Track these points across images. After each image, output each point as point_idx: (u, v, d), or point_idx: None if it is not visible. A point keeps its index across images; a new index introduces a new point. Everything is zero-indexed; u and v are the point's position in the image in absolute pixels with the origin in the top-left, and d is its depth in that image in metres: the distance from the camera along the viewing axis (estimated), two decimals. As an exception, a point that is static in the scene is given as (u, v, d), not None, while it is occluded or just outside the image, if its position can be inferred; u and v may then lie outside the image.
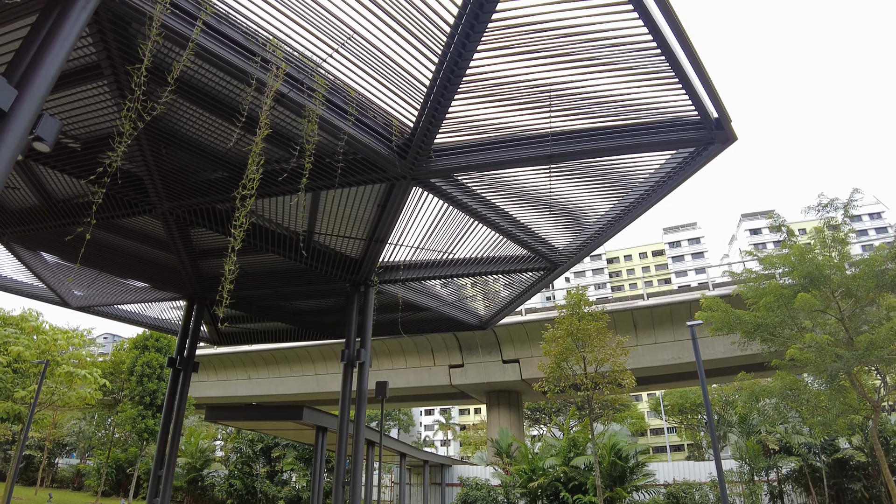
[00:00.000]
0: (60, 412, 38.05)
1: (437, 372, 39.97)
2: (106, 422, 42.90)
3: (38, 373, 28.32)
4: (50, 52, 5.26)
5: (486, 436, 53.66)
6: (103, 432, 43.17)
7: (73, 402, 31.23)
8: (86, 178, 9.21)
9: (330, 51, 7.14)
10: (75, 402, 31.49)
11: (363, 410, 12.70)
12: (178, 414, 14.72)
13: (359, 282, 13.04)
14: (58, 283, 16.09)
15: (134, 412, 32.34)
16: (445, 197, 9.73)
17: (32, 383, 29.09)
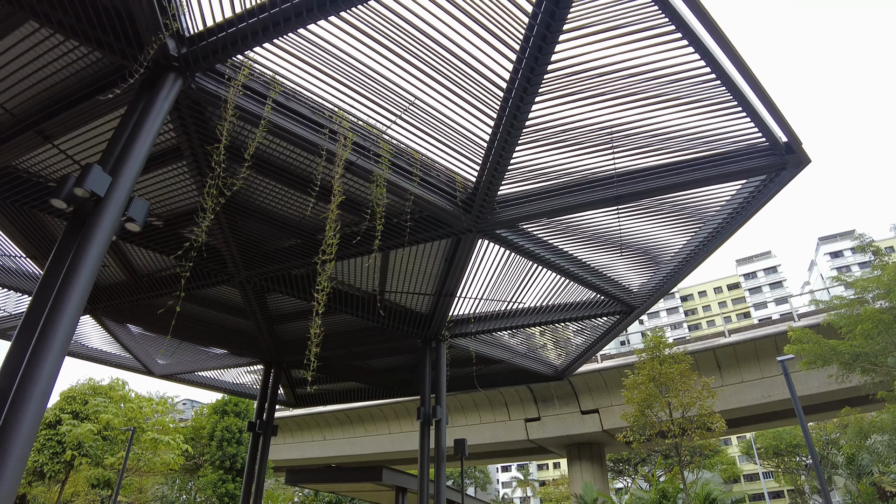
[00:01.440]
0: (146, 477, 39.31)
1: (512, 427, 38.85)
2: (188, 486, 43.92)
3: (125, 439, 29.58)
4: (138, 140, 5.71)
5: (567, 491, 51.30)
6: (185, 497, 44.16)
7: (157, 467, 32.30)
8: (171, 253, 9.77)
9: (392, 117, 7.40)
10: (160, 468, 32.56)
11: (443, 469, 12.45)
12: (259, 477, 14.89)
13: (430, 337, 13.04)
14: (143, 352, 16.95)
15: (215, 476, 33.04)
16: (512, 247, 9.71)
17: (120, 450, 30.34)
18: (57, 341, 4.61)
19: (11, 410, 4.34)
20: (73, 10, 6.19)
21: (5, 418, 4.30)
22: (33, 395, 4.42)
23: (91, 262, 4.89)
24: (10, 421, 4.29)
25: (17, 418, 4.33)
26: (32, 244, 11.03)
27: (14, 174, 9.24)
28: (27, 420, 4.34)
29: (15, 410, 4.34)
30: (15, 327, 15.14)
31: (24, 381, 4.42)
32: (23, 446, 4.30)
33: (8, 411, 4.34)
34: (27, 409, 4.36)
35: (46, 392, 4.57)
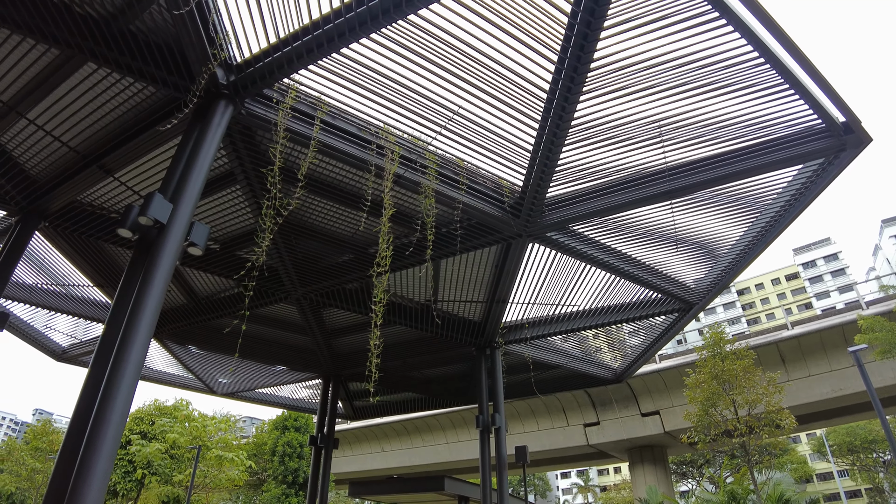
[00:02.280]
0: (212, 493, 40.45)
1: (571, 432, 38.22)
2: (252, 501, 44.89)
3: (191, 458, 30.56)
4: (195, 167, 5.90)
5: (630, 496, 50.03)
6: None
7: (223, 483, 33.19)
8: (229, 275, 10.05)
9: (437, 129, 7.43)
10: (225, 484, 33.44)
11: (505, 478, 12.34)
12: (322, 490, 15.08)
13: (484, 345, 12.98)
14: (204, 372, 17.49)
15: (278, 491, 33.68)
16: (564, 249, 9.58)
17: (187, 467, 31.35)
18: (130, 366, 4.79)
19: (93, 433, 4.52)
20: (127, 50, 6.48)
21: (88, 440, 4.49)
22: (112, 418, 4.59)
23: (158, 287, 5.07)
24: (93, 443, 4.47)
25: (98, 440, 4.50)
26: (98, 273, 11.55)
27: (79, 208, 9.71)
28: (108, 442, 4.51)
29: (96, 433, 4.52)
30: (85, 353, 15.89)
31: (102, 406, 4.61)
32: (105, 466, 4.47)
33: (90, 434, 4.53)
34: (107, 432, 4.54)
35: (124, 414, 4.75)
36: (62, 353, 16.47)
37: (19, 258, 9.38)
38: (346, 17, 5.94)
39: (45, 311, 14.30)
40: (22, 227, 9.37)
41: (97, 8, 6.35)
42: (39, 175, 9.11)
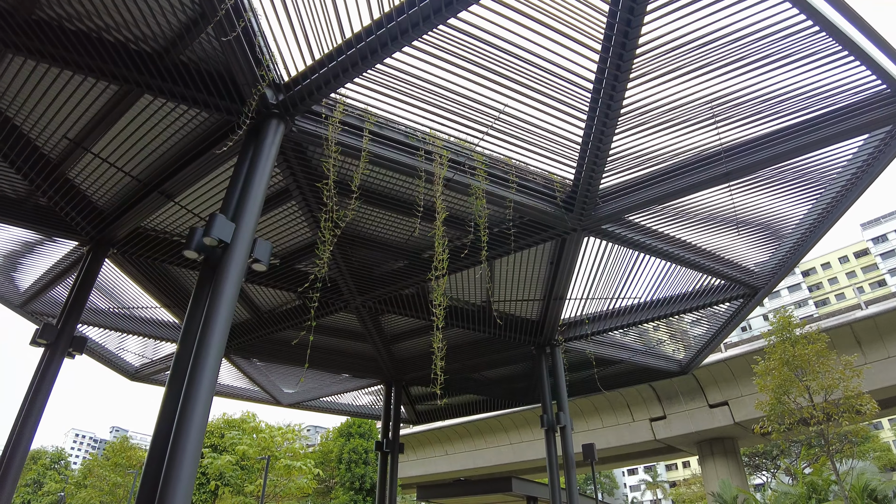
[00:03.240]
0: (283, 502, 41.53)
1: (637, 427, 37.35)
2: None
3: (261, 468, 31.45)
4: (253, 185, 6.07)
5: (701, 491, 48.44)
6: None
7: (293, 492, 34.04)
8: (289, 288, 10.30)
9: (483, 129, 7.41)
10: (295, 493, 34.28)
11: (573, 477, 12.15)
12: (390, 495, 15.23)
13: (543, 343, 12.84)
14: (269, 384, 17.98)
15: (346, 498, 34.31)
16: (620, 240, 9.39)
17: (257, 478, 32.29)
18: (205, 382, 4.95)
19: (174, 448, 4.68)
20: (180, 80, 6.75)
21: (170, 456, 4.66)
22: (191, 434, 4.76)
23: (227, 305, 5.23)
24: (175, 457, 4.64)
25: (180, 455, 4.66)
26: (165, 295, 12.04)
27: (144, 234, 10.16)
28: (189, 456, 4.67)
29: (178, 448, 4.68)
30: (156, 372, 16.59)
31: (181, 422, 4.78)
32: (188, 479, 4.63)
33: (171, 450, 4.69)
34: (188, 447, 4.70)
35: (202, 430, 4.91)
36: (135, 373, 17.26)
37: (92, 285, 9.89)
38: (387, 27, 6.01)
39: (116, 334, 15.05)
40: (93, 256, 9.87)
41: (150, 44, 6.64)
42: (106, 205, 9.58)
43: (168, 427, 4.96)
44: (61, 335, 9.19)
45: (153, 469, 4.83)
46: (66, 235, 10.28)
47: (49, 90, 7.52)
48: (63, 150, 8.59)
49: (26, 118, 8.07)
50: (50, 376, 8.98)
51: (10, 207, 9.92)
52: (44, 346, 9.20)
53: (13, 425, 8.54)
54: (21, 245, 11.65)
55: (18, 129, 8.26)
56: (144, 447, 49.24)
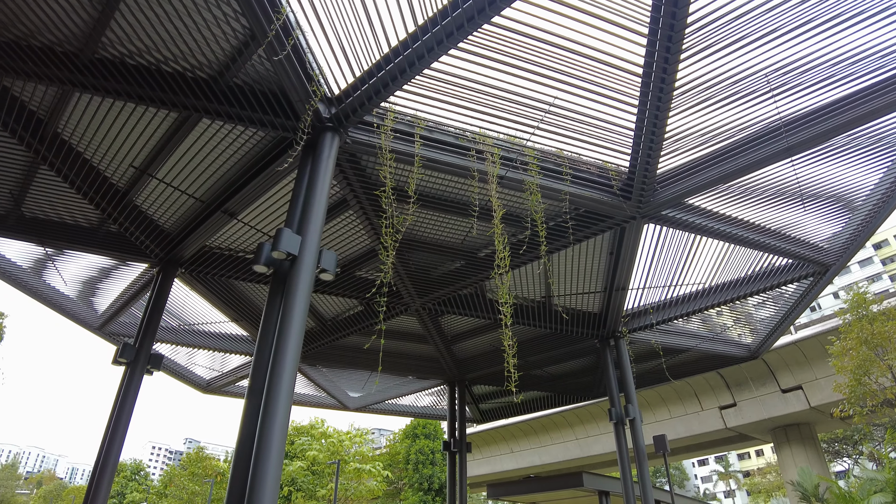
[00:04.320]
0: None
1: (706, 417, 36.20)
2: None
3: (331, 472, 32.16)
4: (314, 198, 6.22)
5: (778, 480, 46.51)
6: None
7: (364, 494, 34.65)
8: (351, 295, 10.52)
9: (533, 124, 7.36)
10: (366, 495, 34.88)
11: (646, 469, 11.90)
12: (461, 495, 15.28)
13: (607, 336, 12.64)
14: (335, 389, 18.38)
15: (415, 499, 34.65)
16: (681, 225, 9.14)
17: (328, 482, 33.01)
18: (284, 389, 5.11)
19: (259, 456, 4.85)
20: (235, 102, 6.99)
21: (255, 464, 4.82)
22: (274, 442, 4.91)
23: (299, 314, 5.39)
24: (260, 465, 4.80)
25: (264, 463, 4.82)
26: (232, 308, 12.47)
27: (208, 252, 10.56)
28: (273, 463, 4.83)
29: (262, 456, 4.84)
30: (227, 384, 17.19)
31: (264, 431, 4.94)
32: (274, 485, 4.79)
33: (256, 458, 4.86)
34: (271, 455, 4.86)
35: (283, 437, 5.06)
36: (207, 386, 17.96)
37: (164, 305, 10.35)
38: (432, 31, 6.04)
39: (185, 349, 15.71)
40: (163, 277, 10.33)
41: (205, 70, 6.90)
42: (172, 227, 10.01)
43: (250, 436, 5.14)
44: (139, 354, 9.64)
45: (239, 477, 5.01)
46: (137, 259, 10.82)
47: (114, 123, 7.92)
48: (130, 178, 9.03)
49: (95, 151, 8.52)
50: (132, 393, 9.42)
51: (84, 236, 10.50)
52: (124, 365, 9.65)
53: (102, 441, 9.01)
54: (96, 271, 12.31)
55: (88, 161, 8.73)
56: (218, 457, 51.15)
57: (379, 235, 8.93)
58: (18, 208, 9.96)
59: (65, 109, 7.71)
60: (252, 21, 5.91)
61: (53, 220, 10.30)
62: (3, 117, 7.64)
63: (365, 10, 6.17)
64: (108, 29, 6.45)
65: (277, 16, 5.94)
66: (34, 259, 12.04)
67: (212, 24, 6.32)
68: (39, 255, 11.84)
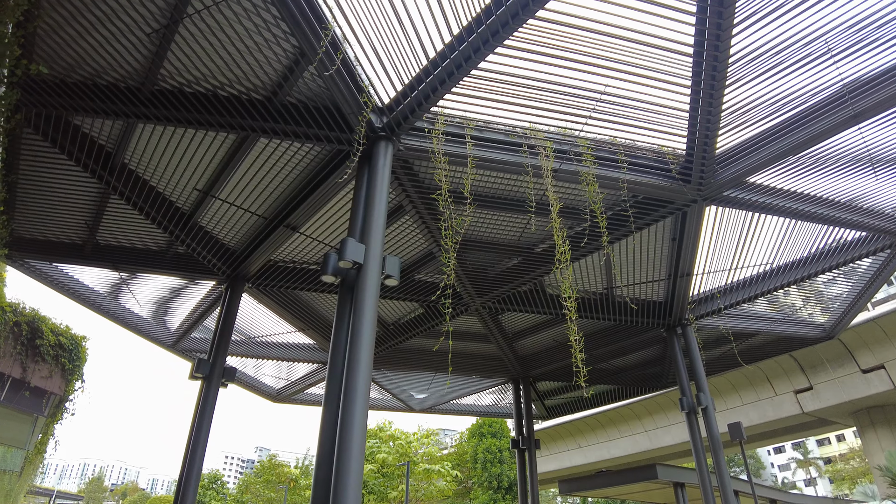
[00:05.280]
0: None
1: (780, 402, 34.75)
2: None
3: (401, 474, 32.59)
4: (374, 206, 6.35)
5: (863, 466, 44.16)
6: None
7: (434, 495, 34.94)
8: (411, 299, 10.66)
9: (585, 114, 7.28)
10: (436, 496, 35.15)
11: (722, 458, 11.56)
12: (532, 492, 15.21)
13: (673, 324, 12.34)
14: (401, 392, 18.63)
15: (485, 497, 34.67)
16: (743, 205, 8.83)
17: (398, 484, 33.45)
18: (360, 393, 5.23)
19: (341, 461, 4.97)
20: (291, 120, 7.20)
21: (338, 468, 4.94)
22: (354, 444, 5.03)
23: (369, 320, 5.51)
24: (343, 469, 4.92)
25: (347, 467, 4.94)
26: (298, 319, 12.82)
27: (273, 266, 10.91)
28: (355, 466, 4.94)
29: (343, 460, 4.97)
30: (295, 392, 17.66)
31: (344, 434, 5.07)
32: (356, 487, 4.90)
33: (338, 463, 4.99)
34: (352, 459, 4.97)
35: (362, 439, 5.17)
36: (277, 395, 18.50)
37: (234, 319, 10.75)
38: (478, 31, 6.06)
39: (252, 361, 16.26)
40: (231, 293, 10.72)
41: (260, 92, 7.15)
42: (237, 245, 10.39)
43: (330, 440, 5.29)
44: (214, 368, 10.04)
45: (322, 479, 5.15)
46: (205, 277, 11.28)
47: (176, 149, 8.30)
48: (194, 201, 9.43)
49: (160, 177, 8.93)
50: (209, 406, 9.82)
51: (154, 259, 11.03)
52: (200, 380, 10.06)
53: (184, 452, 9.43)
54: (167, 291, 12.90)
55: (154, 188, 9.16)
56: (289, 463, 52.65)
57: (436, 238, 9.01)
58: (93, 237, 10.53)
59: (130, 140, 8.12)
60: (301, 40, 6.08)
61: (125, 245, 10.85)
62: (76, 153, 8.11)
63: (409, 17, 6.25)
64: (167, 61, 6.76)
65: (325, 32, 6.09)
66: (110, 284, 12.71)
67: (263, 46, 6.54)
68: (115, 279, 12.49)
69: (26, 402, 13.70)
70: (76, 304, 13.01)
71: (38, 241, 10.61)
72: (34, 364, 13.61)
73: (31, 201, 9.53)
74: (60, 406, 15.21)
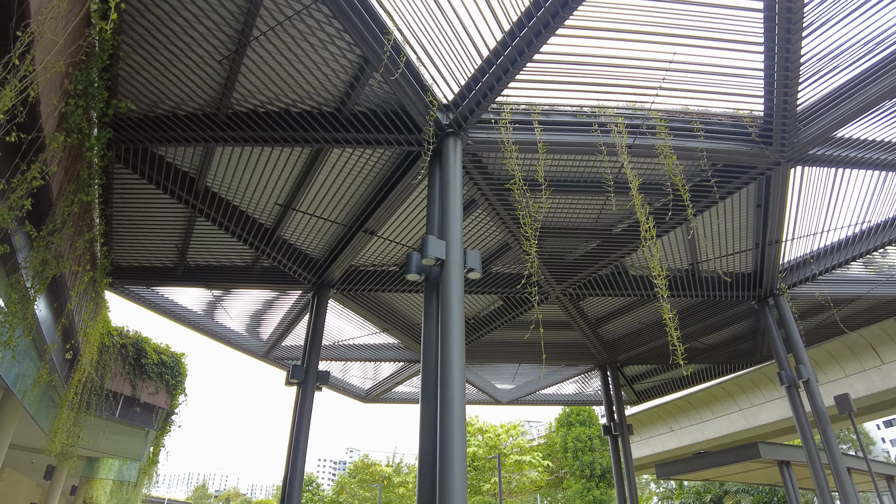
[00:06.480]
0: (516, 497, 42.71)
1: (889, 371, 32.23)
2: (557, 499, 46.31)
3: (491, 467, 32.76)
4: (450, 202, 6.43)
5: None
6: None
7: (527, 486, 34.92)
8: (488, 292, 10.71)
9: (654, 85, 7.09)
10: (529, 487, 35.12)
11: (830, 433, 10.94)
12: (628, 478, 14.94)
13: (764, 295, 11.78)
14: (486, 385, 18.73)
15: (579, 486, 34.31)
16: (831, 163, 8.33)
17: (490, 476, 33.66)
18: (457, 388, 5.33)
19: (444, 457, 5.07)
20: (361, 127, 7.43)
21: (441, 465, 5.04)
22: (455, 438, 5.13)
23: (457, 313, 5.61)
24: (447, 465, 5.02)
25: (450, 463, 5.03)
26: (381, 319, 13.16)
27: (355, 270, 11.25)
28: (457, 461, 5.03)
29: (447, 456, 5.06)
30: (383, 392, 18.10)
31: (444, 429, 5.18)
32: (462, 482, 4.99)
33: (441, 459, 5.09)
34: (455, 453, 5.05)
35: (463, 433, 5.25)
36: (366, 396, 19.04)
37: (323, 325, 11.17)
38: (537, 15, 6.02)
39: (338, 364, 16.82)
40: (318, 300, 11.14)
41: (329, 105, 7.40)
42: (319, 253, 10.79)
43: (431, 436, 5.40)
44: (308, 373, 10.45)
45: (427, 475, 5.27)
46: (292, 287, 11.78)
47: (255, 167, 8.69)
48: (276, 215, 9.86)
49: (242, 196, 9.39)
50: (306, 409, 10.23)
51: (243, 274, 11.60)
52: (295, 385, 10.50)
53: (287, 456, 9.86)
54: (257, 303, 13.54)
55: (237, 207, 9.64)
56: (380, 461, 54.00)
57: (511, 229, 9.02)
58: (184, 259, 11.21)
59: (210, 164, 8.59)
60: (365, 48, 6.26)
61: (213, 264, 11.48)
62: (162, 182, 8.66)
63: (466, 10, 6.29)
64: (238, 84, 7.11)
65: (387, 38, 6.23)
66: (204, 302, 13.48)
67: (329, 60, 6.76)
68: (208, 297, 13.23)
69: (138, 418, 14.73)
70: (173, 324, 13.88)
71: (134, 268, 11.41)
72: (141, 382, 14.61)
73: (126, 231, 10.26)
74: (168, 419, 16.27)
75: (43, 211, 6.40)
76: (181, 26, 6.31)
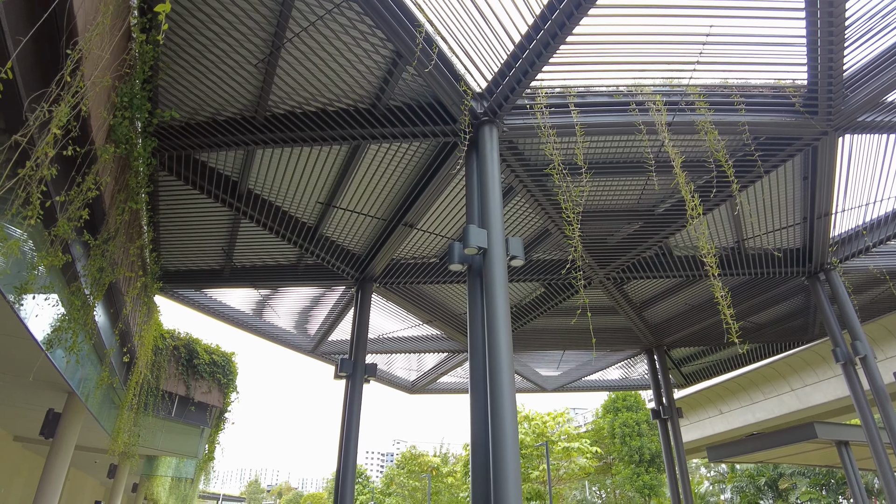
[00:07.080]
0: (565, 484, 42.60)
1: (950, 342, 31.00)
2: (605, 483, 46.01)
3: (539, 454, 32.73)
4: (489, 190, 6.46)
5: None
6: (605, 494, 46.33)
7: (576, 473, 34.79)
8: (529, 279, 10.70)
9: (691, 59, 6.95)
10: (578, 473, 34.98)
11: (891, 411, 10.52)
12: (679, 462, 14.75)
13: (815, 270, 11.43)
14: (531, 373, 18.71)
15: (628, 471, 34.04)
16: (883, 129, 8.00)
17: (539, 464, 33.64)
18: (506, 376, 5.35)
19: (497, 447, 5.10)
20: (397, 122, 7.50)
21: (495, 455, 5.08)
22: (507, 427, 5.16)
23: (502, 301, 5.64)
24: (500, 455, 5.06)
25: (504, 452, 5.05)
26: (424, 311, 13.28)
27: (397, 264, 11.39)
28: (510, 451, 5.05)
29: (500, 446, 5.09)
30: (427, 383, 18.28)
31: (496, 418, 5.22)
32: (516, 472, 5.04)
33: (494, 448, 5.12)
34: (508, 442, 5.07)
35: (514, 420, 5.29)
36: (412, 387, 19.27)
37: (368, 319, 11.34)
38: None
39: (383, 356, 17.06)
40: (362, 294, 11.32)
41: (365, 102, 7.50)
42: (361, 249, 10.96)
43: (482, 426, 5.45)
44: (356, 366, 10.65)
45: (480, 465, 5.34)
46: (336, 283, 12.00)
47: (296, 167, 8.87)
48: (317, 213, 10.05)
49: (284, 196, 9.59)
50: (356, 402, 10.42)
51: (287, 273, 11.87)
52: (344, 378, 10.71)
53: (339, 448, 10.07)
54: (303, 300, 13.83)
55: (279, 207, 9.86)
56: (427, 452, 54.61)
57: (550, 215, 8.98)
58: (231, 261, 11.53)
59: (251, 167, 8.81)
60: (397, 43, 6.31)
61: (258, 265, 11.77)
62: (206, 186, 8.92)
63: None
64: (275, 86, 7.26)
65: (418, 30, 6.27)
66: (252, 301, 13.84)
67: (363, 57, 6.85)
68: (255, 297, 13.59)
69: (193, 416, 15.27)
70: (223, 324, 14.30)
71: (182, 272, 11.80)
72: (195, 382, 15.12)
73: (173, 236, 10.61)
74: (221, 417, 16.80)
75: (97, 220, 6.68)
76: (217, 34, 6.48)
